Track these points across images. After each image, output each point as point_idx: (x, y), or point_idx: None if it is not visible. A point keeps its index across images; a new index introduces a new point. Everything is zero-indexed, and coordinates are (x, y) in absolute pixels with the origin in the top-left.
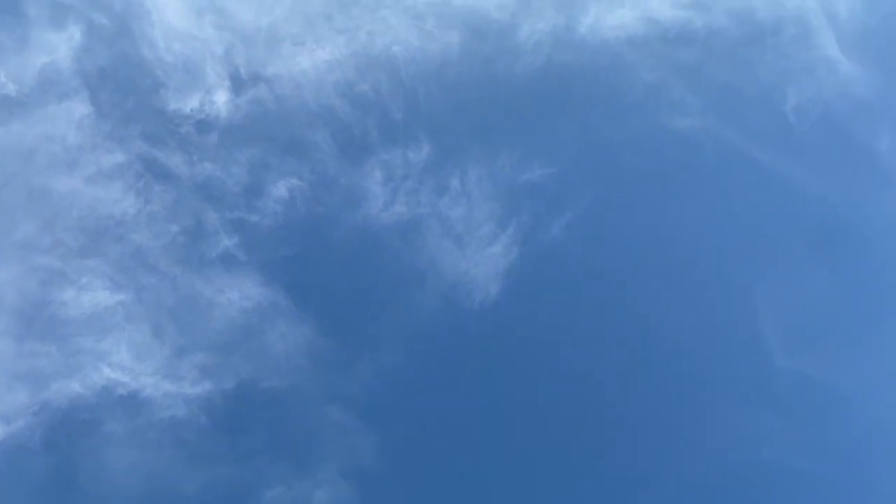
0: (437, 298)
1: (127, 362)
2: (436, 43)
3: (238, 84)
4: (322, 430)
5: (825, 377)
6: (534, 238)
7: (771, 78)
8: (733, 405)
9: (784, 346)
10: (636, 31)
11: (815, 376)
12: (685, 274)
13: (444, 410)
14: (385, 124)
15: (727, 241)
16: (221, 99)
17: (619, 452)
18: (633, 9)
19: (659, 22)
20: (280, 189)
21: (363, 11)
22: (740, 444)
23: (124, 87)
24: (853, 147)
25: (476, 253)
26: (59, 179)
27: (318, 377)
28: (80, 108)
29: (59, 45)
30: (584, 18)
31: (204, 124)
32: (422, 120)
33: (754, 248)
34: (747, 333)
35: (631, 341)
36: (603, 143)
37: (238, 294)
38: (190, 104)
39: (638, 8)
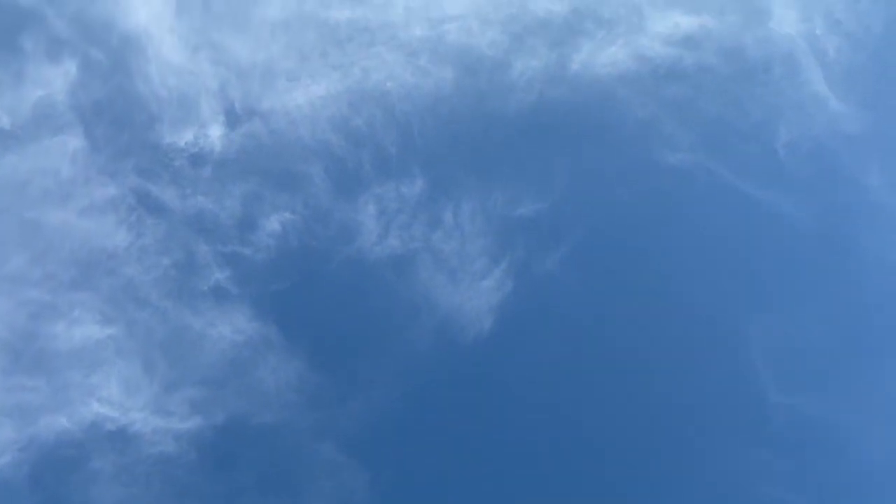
0: (431, 333)
1: (116, 397)
2: (430, 79)
3: (232, 118)
4: (313, 466)
5: (820, 413)
6: (527, 272)
7: (761, 114)
8: (728, 441)
9: (778, 382)
10: (627, 68)
11: (809, 412)
12: (678, 309)
13: (437, 447)
14: (379, 158)
15: (720, 275)
16: (216, 133)
17: (615, 490)
18: (624, 46)
19: (650, 59)
20: (273, 223)
21: (358, 48)
22: (736, 480)
23: (119, 121)
24: (844, 183)
25: (469, 287)
26: (51, 212)
27: (310, 413)
28: (74, 141)
29: (54, 80)
30: (576, 56)
31: (198, 158)
32: (416, 154)
33: (747, 282)
34: (741, 369)
35: (625, 377)
36: (596, 178)
37: (229, 328)
38: (184, 138)
39: (629, 46)
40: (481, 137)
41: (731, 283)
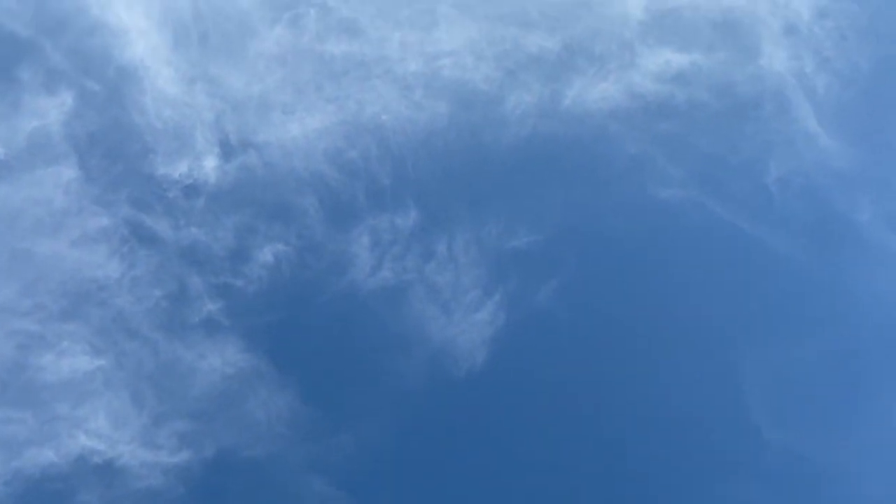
0: (423, 366)
1: (104, 430)
2: (424, 112)
3: (227, 150)
4: (303, 501)
5: (813, 449)
6: (520, 305)
7: (752, 150)
8: (720, 478)
9: (771, 419)
10: (619, 104)
11: (803, 448)
12: (670, 343)
13: (429, 482)
14: (373, 190)
15: (712, 309)
16: (210, 164)
17: None
18: (616, 83)
19: (642, 95)
20: (266, 254)
21: (353, 81)
22: None
23: (113, 153)
24: (835, 219)
25: (462, 319)
26: (42, 243)
27: (300, 446)
28: (67, 172)
29: (50, 110)
30: (569, 91)
31: (192, 189)
32: (410, 186)
33: (739, 316)
34: (734, 405)
35: (617, 411)
36: (588, 212)
37: (220, 360)
38: (178, 169)
39: (621, 82)
40: (475, 170)
41: (724, 318)
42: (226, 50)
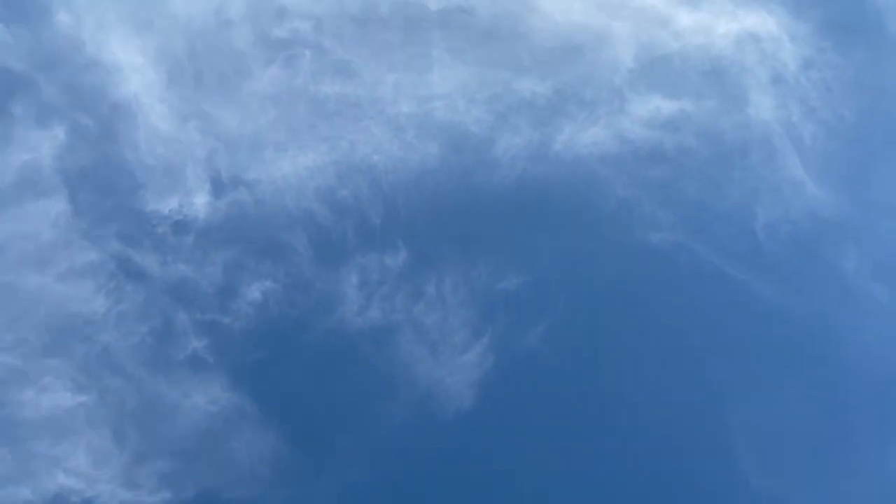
0: (410, 408)
1: (83, 468)
2: (416, 153)
3: (218, 187)
4: None
5: (802, 499)
6: (509, 347)
7: (740, 197)
8: None
9: (759, 466)
10: (609, 148)
11: (791, 496)
12: (658, 389)
13: None
14: (363, 229)
15: (699, 355)
16: (200, 201)
17: None
18: (606, 128)
19: (631, 141)
20: (254, 291)
21: (346, 121)
22: None
23: (103, 187)
24: (821, 267)
25: (450, 361)
26: (28, 276)
27: (283, 489)
28: (57, 205)
29: (42, 144)
30: (559, 135)
31: (181, 225)
32: (400, 226)
33: (727, 362)
34: (722, 452)
35: (604, 456)
36: (577, 255)
37: (204, 398)
38: (168, 205)
39: (611, 127)
40: (465, 211)
41: (711, 363)
42: (220, 88)
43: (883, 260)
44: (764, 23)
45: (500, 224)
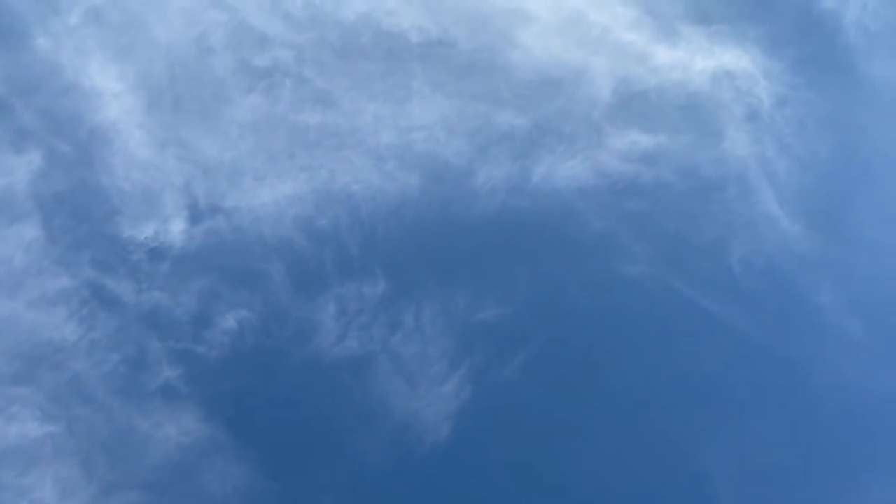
0: (386, 440)
1: (50, 499)
2: (396, 183)
3: (195, 214)
4: None
5: None
6: (486, 378)
7: (715, 230)
8: None
9: (735, 499)
10: (587, 181)
11: None
12: (634, 421)
13: None
14: (341, 259)
15: (675, 388)
16: (177, 228)
17: None
18: (583, 161)
19: (609, 174)
20: (229, 320)
21: (326, 151)
22: None
23: (79, 213)
24: (796, 301)
25: (428, 392)
26: None
27: None
28: (30, 231)
29: (16, 169)
30: (538, 168)
31: (157, 252)
32: (379, 256)
33: (703, 396)
34: (697, 485)
35: (582, 489)
36: (555, 287)
37: (176, 429)
38: (144, 232)
39: (588, 160)
40: (444, 242)
41: (687, 396)
42: (199, 115)
43: (857, 294)
44: (739, 60)
45: (479, 255)
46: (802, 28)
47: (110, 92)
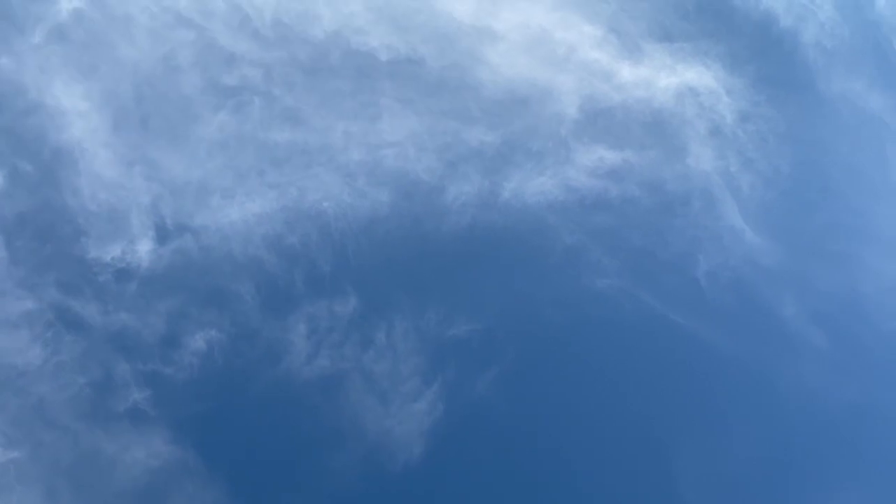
0: (359, 459)
1: None
2: (366, 200)
3: (163, 234)
4: None
5: None
6: (459, 394)
7: (682, 244)
8: None
9: None
10: (556, 197)
11: None
12: (605, 434)
13: None
14: (312, 277)
15: (645, 400)
16: (144, 248)
17: None
18: (552, 177)
19: (577, 189)
20: (198, 341)
21: (295, 168)
22: None
23: (43, 234)
24: (761, 313)
25: (400, 410)
26: None
27: None
28: None
29: None
30: (508, 184)
31: (124, 273)
32: (349, 273)
33: (672, 408)
34: (667, 497)
35: (556, 501)
36: (526, 301)
37: (144, 452)
38: (111, 253)
39: (557, 176)
40: (415, 258)
41: (656, 407)
42: (167, 134)
43: (819, 306)
44: (701, 77)
45: (450, 271)
46: (762, 46)
47: (75, 111)
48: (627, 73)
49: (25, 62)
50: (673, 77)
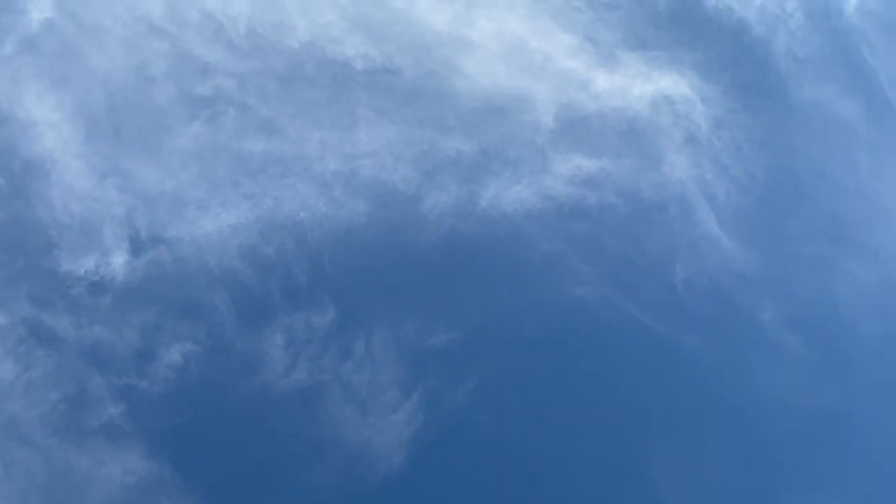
0: (338, 471)
1: None
2: (343, 210)
3: (137, 246)
4: None
5: None
6: (439, 404)
7: (659, 252)
8: None
9: None
10: (534, 205)
11: None
12: (585, 441)
13: None
14: (289, 288)
15: (625, 406)
16: (118, 260)
17: None
18: (529, 185)
19: (554, 198)
20: (173, 354)
21: (271, 178)
22: None
23: (14, 248)
24: (739, 318)
25: (380, 420)
26: None
27: None
28: None
29: None
30: (485, 193)
31: (97, 286)
32: (327, 284)
33: (651, 415)
34: (649, 501)
35: None
36: (506, 310)
37: (120, 468)
38: (84, 266)
39: (534, 185)
40: (394, 268)
41: (636, 414)
42: (140, 145)
43: (795, 311)
44: (676, 85)
45: (428, 280)
46: (735, 55)
47: (46, 122)
48: (603, 81)
49: None
50: (648, 85)
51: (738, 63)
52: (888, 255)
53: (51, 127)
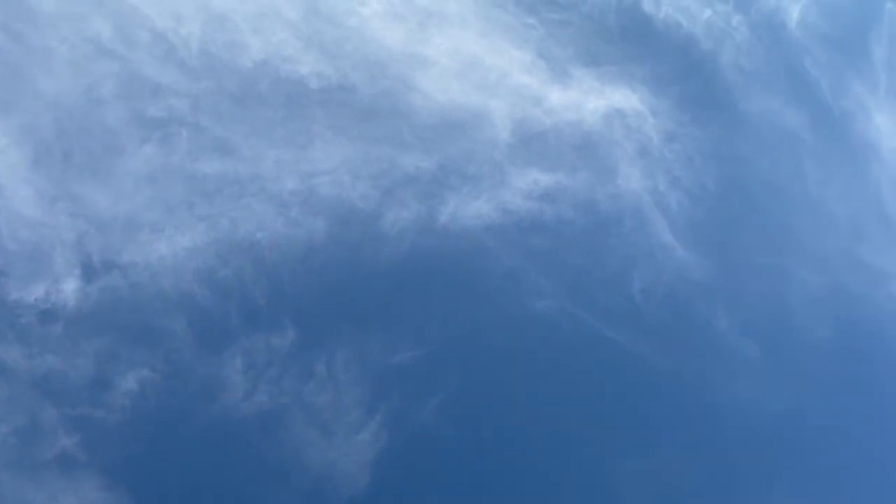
0: (303, 494)
1: None
2: (301, 230)
3: (89, 272)
4: None
5: None
6: (404, 423)
7: (617, 263)
8: None
9: None
10: (493, 220)
11: None
12: (549, 454)
13: None
14: (247, 310)
15: (588, 419)
16: (70, 287)
17: None
18: (488, 201)
19: (513, 212)
20: (129, 381)
21: (226, 199)
22: None
23: None
24: (695, 326)
25: (344, 441)
26: None
27: None
28: None
29: None
30: (445, 208)
31: (49, 314)
32: (287, 305)
33: (611, 423)
34: None
35: None
36: (468, 325)
37: (74, 500)
38: (34, 293)
39: (493, 200)
40: (355, 287)
41: (599, 424)
42: (91, 168)
43: (749, 318)
44: (628, 99)
45: (390, 298)
46: (684, 68)
47: None
48: (557, 97)
49: None
50: (601, 100)
51: (687, 76)
52: (837, 264)
53: None
